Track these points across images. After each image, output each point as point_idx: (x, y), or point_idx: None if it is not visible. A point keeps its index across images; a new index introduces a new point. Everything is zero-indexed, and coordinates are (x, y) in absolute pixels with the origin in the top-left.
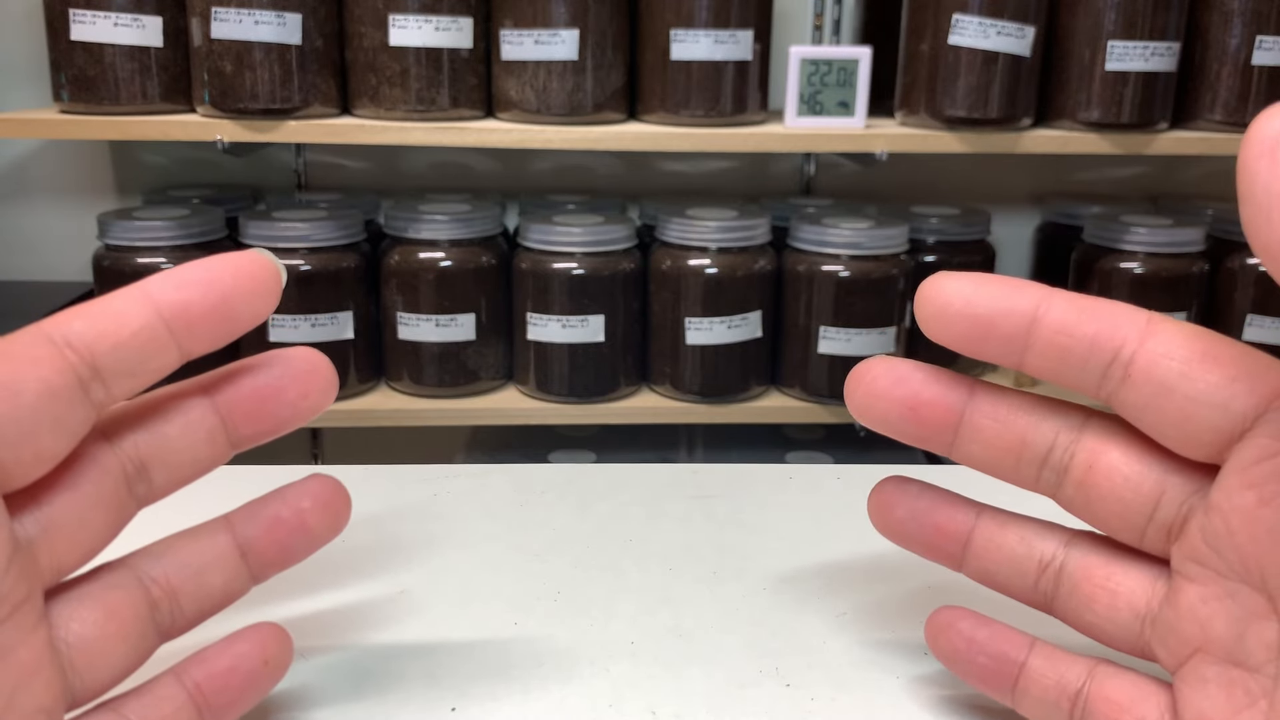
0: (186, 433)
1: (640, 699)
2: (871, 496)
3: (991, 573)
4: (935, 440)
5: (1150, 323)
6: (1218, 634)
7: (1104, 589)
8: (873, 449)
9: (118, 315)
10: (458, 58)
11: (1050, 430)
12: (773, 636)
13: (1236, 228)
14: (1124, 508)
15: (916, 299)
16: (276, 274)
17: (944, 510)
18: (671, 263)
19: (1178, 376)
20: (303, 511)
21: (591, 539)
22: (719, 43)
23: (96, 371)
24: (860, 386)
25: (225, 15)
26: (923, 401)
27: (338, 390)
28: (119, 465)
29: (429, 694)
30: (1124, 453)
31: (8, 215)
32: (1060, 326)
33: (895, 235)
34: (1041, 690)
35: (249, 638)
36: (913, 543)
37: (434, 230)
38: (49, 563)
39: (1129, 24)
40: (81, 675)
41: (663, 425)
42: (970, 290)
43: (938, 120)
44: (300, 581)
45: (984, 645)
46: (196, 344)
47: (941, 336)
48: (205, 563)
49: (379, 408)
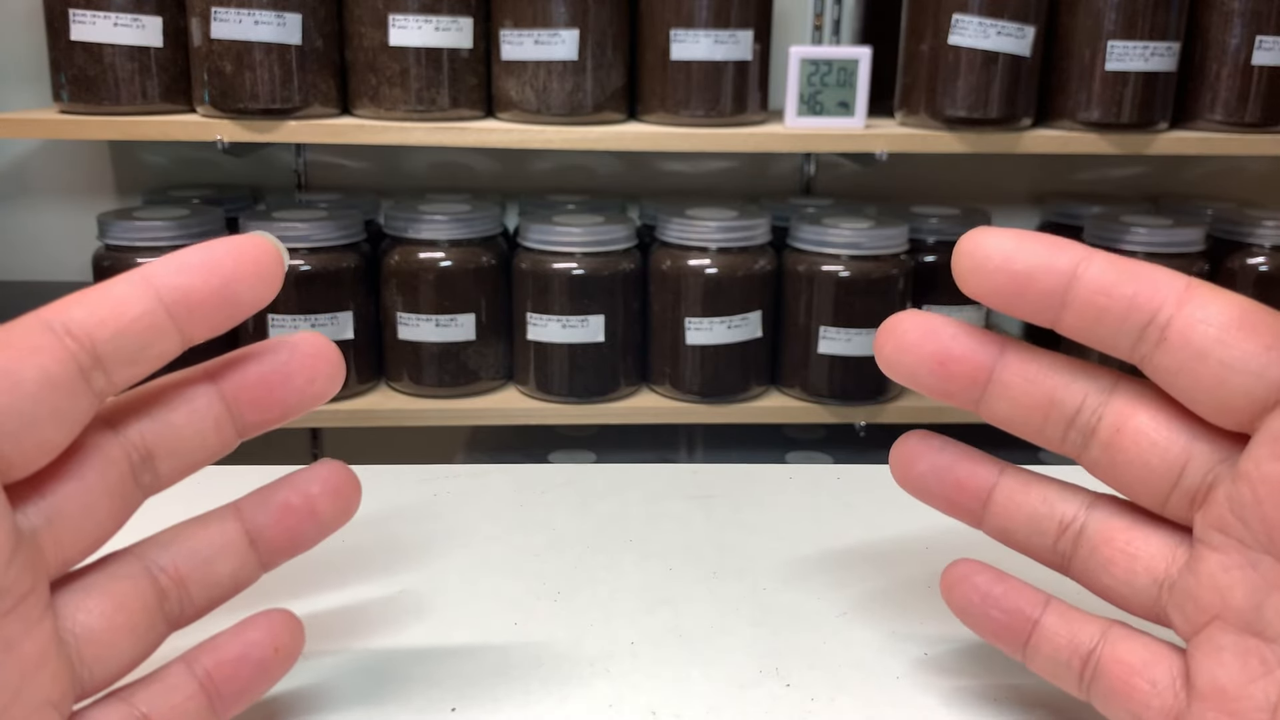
0: (192, 420)
1: (640, 699)
2: (894, 450)
3: (1010, 531)
4: (963, 396)
5: (1189, 287)
6: (1237, 603)
7: (1124, 552)
8: (873, 449)
9: (118, 302)
10: (458, 58)
11: (1080, 391)
12: (773, 636)
13: (1236, 228)
14: (1149, 472)
15: (955, 253)
16: (278, 257)
17: (966, 466)
18: (671, 263)
19: (1214, 342)
20: (312, 498)
21: (591, 539)
22: (719, 43)
23: (97, 359)
24: (890, 340)
25: (225, 15)
26: (953, 356)
27: (344, 376)
28: (124, 454)
29: (429, 694)
30: (1153, 417)
31: (8, 215)
32: (1099, 286)
33: (895, 235)
34: (1053, 648)
35: (260, 625)
36: (933, 497)
37: (434, 230)
38: (54, 554)
39: (1129, 24)
40: (90, 666)
41: (663, 425)
42: (1010, 246)
43: (938, 120)
44: (301, 581)
45: (999, 600)
46: (198, 329)
47: (978, 291)
48: (214, 551)
49: (379, 408)
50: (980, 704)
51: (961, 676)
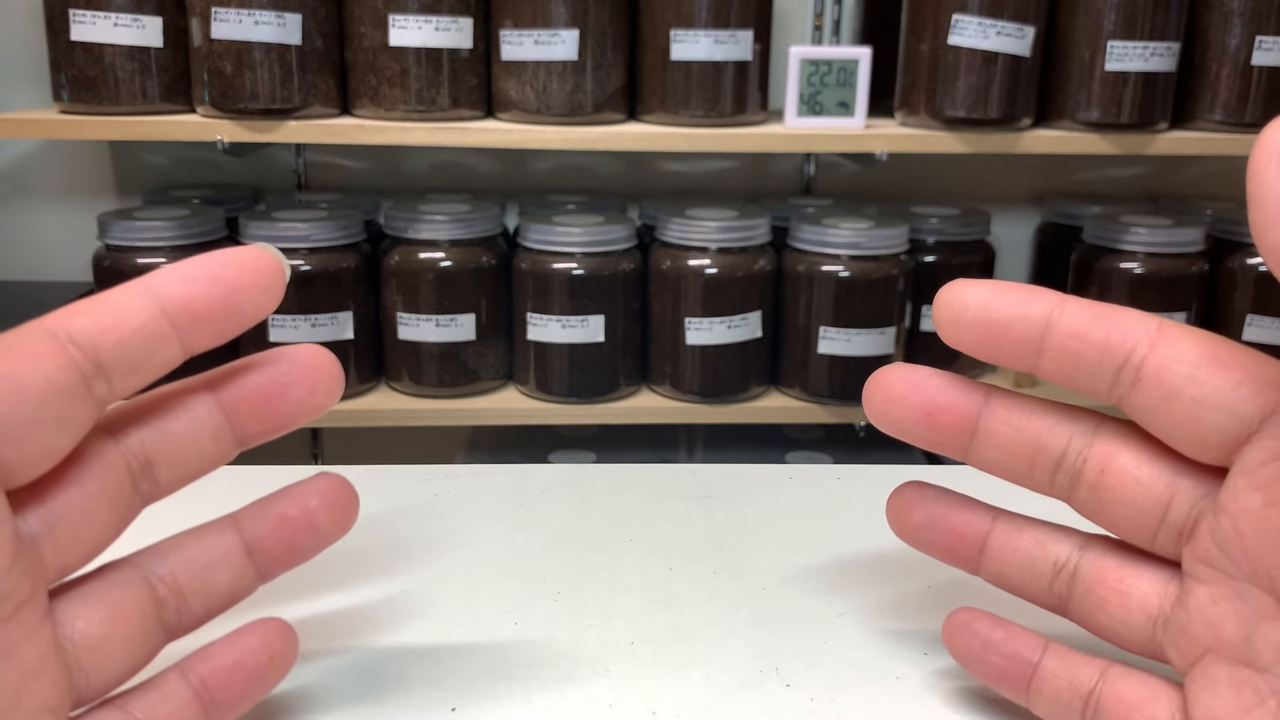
0: (192, 430)
1: (640, 699)
2: (890, 501)
3: (1007, 575)
4: (951, 445)
5: (1161, 329)
6: (1227, 635)
7: (1117, 591)
8: (872, 449)
9: (121, 310)
10: (458, 58)
11: (1064, 435)
12: (773, 636)
13: (1236, 228)
14: (1136, 511)
15: (934, 305)
16: (280, 269)
17: (960, 515)
18: (671, 263)
19: (1186, 380)
20: (310, 510)
21: (591, 539)
22: (719, 43)
23: (100, 367)
24: (878, 393)
25: (225, 15)
26: (939, 407)
27: (343, 388)
28: (124, 462)
29: (429, 694)
30: (1135, 456)
31: (8, 215)
32: (1073, 332)
33: (895, 235)
34: (1055, 690)
35: (254, 633)
36: (930, 546)
37: (434, 230)
38: (53, 560)
39: (1129, 24)
40: (87, 674)
41: (663, 425)
42: (986, 297)
43: (938, 120)
44: (301, 582)
45: (999, 646)
46: (200, 339)
47: (958, 342)
48: (212, 561)
49: (379, 408)
50: (980, 703)
51: (961, 676)
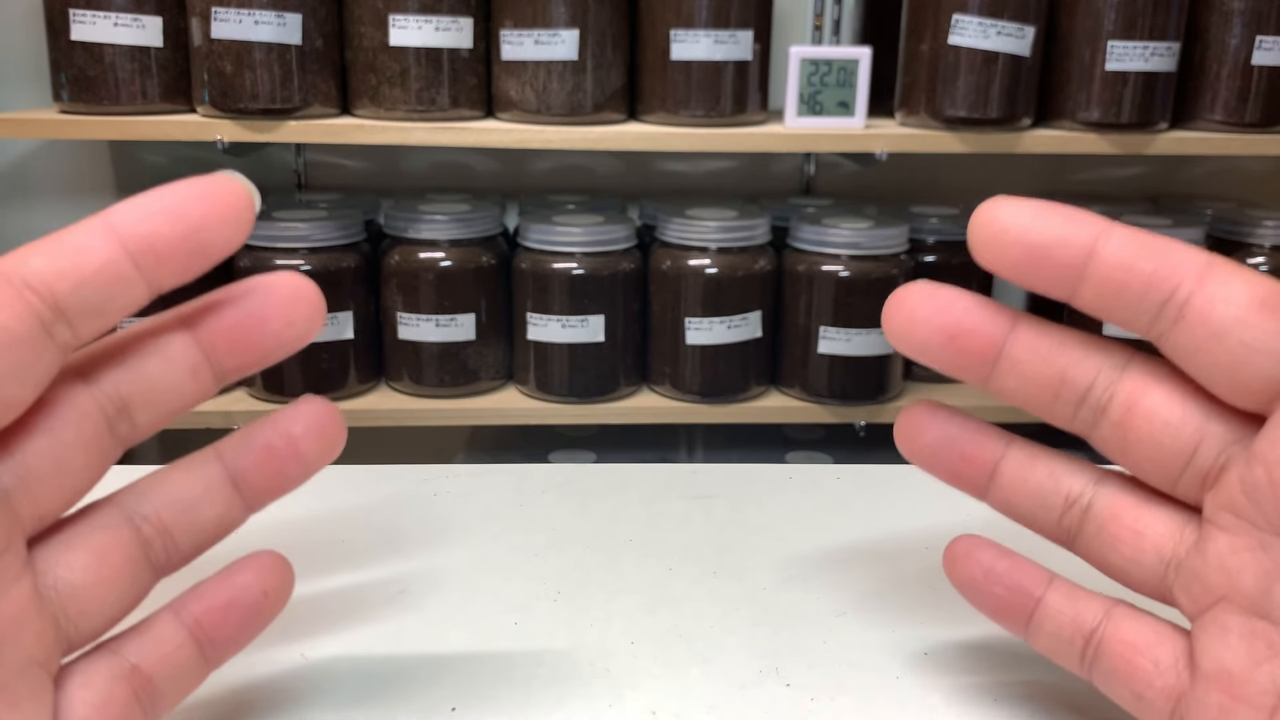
0: (168, 369)
1: (640, 699)
2: (900, 419)
3: (1015, 505)
4: (972, 371)
5: (1210, 264)
6: (1245, 585)
7: (1131, 530)
8: (873, 449)
9: (79, 250)
10: (458, 58)
11: (1092, 368)
12: (773, 636)
13: (1236, 228)
14: (1161, 452)
15: (971, 224)
16: (249, 199)
17: (973, 438)
18: (671, 263)
19: (1233, 321)
20: (294, 438)
21: (591, 539)
22: (719, 43)
23: (60, 312)
24: (900, 312)
25: (225, 15)
26: (964, 330)
27: (324, 316)
28: (97, 406)
29: (429, 694)
30: (1166, 396)
31: (8, 215)
32: (1118, 261)
33: (895, 235)
34: (1056, 626)
35: (248, 569)
36: (938, 469)
37: (434, 230)
38: (29, 510)
39: (1129, 24)
40: (75, 621)
41: (663, 425)
42: (1028, 217)
43: (938, 120)
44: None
45: (1002, 576)
46: (165, 278)
47: (994, 264)
48: (196, 496)
49: (379, 408)
50: (980, 702)
51: (961, 675)
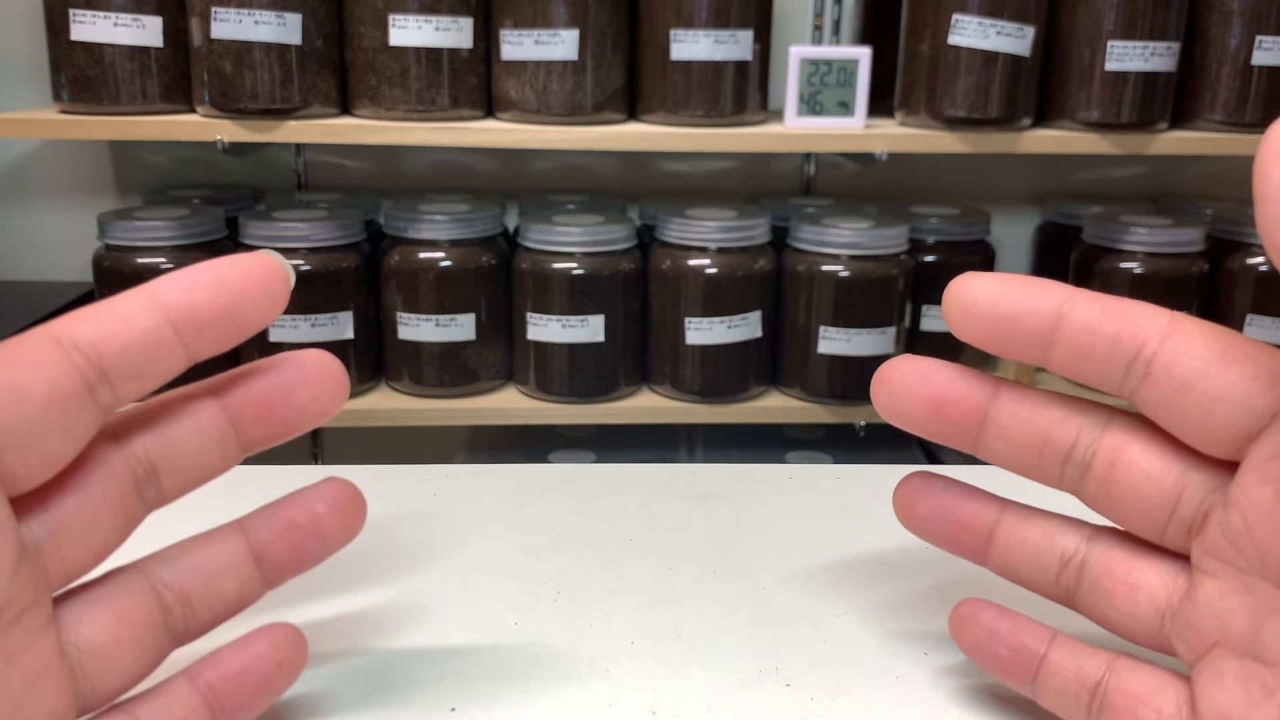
0: (196, 436)
1: (640, 699)
2: (897, 491)
3: (1014, 567)
4: (960, 438)
5: (1172, 322)
6: (1236, 628)
7: (1125, 584)
8: (873, 449)
9: (125, 318)
10: (458, 58)
11: (1073, 428)
12: (773, 636)
13: (1236, 228)
14: (1145, 504)
15: (944, 298)
16: (285, 277)
17: (968, 506)
18: (671, 263)
19: (1198, 374)
20: (317, 516)
21: (591, 539)
22: (719, 43)
23: (103, 374)
24: (886, 385)
25: (225, 15)
26: (948, 400)
27: (347, 393)
28: (128, 468)
29: (429, 694)
30: (1145, 450)
31: (8, 215)
32: (1084, 325)
33: (895, 235)
34: (1061, 682)
35: (263, 639)
36: (937, 537)
37: (434, 230)
38: (57, 567)
39: (1129, 24)
40: (92, 681)
41: (663, 425)
42: (996, 290)
43: (938, 120)
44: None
45: (1005, 637)
46: (204, 347)
47: (968, 335)
48: (218, 567)
49: (379, 408)
50: (981, 703)
51: (962, 675)
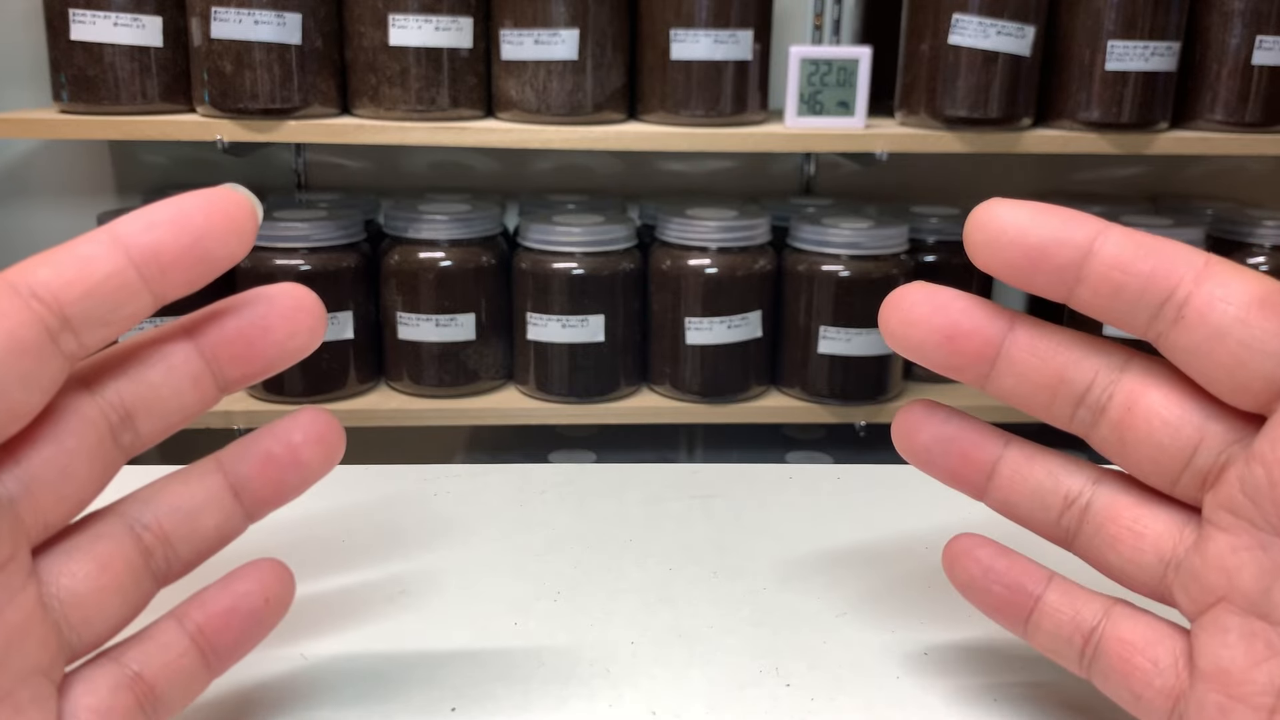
0: (171, 378)
1: (640, 699)
2: (898, 418)
3: (1014, 504)
4: (970, 371)
5: (1208, 264)
6: (1244, 585)
7: (1130, 530)
8: (873, 449)
9: (85, 261)
10: (458, 58)
11: (1090, 368)
12: (773, 636)
13: (1236, 228)
14: (1160, 452)
15: (967, 225)
16: (251, 210)
17: (971, 438)
18: (671, 263)
19: (1233, 321)
20: (295, 446)
21: (591, 539)
22: (719, 43)
23: (66, 321)
24: (896, 313)
25: (225, 15)
26: (961, 331)
27: (325, 327)
28: (101, 415)
29: (429, 694)
30: (1165, 396)
31: (8, 215)
32: (1115, 261)
33: (895, 235)
34: (1055, 625)
35: (249, 576)
36: (936, 468)
37: (434, 230)
38: (34, 519)
39: (1129, 24)
40: (77, 629)
41: (663, 425)
42: (1025, 218)
43: (938, 120)
44: (301, 581)
45: (1001, 574)
46: (170, 288)
47: (991, 265)
48: (197, 505)
49: (379, 408)
50: (980, 703)
51: (961, 676)
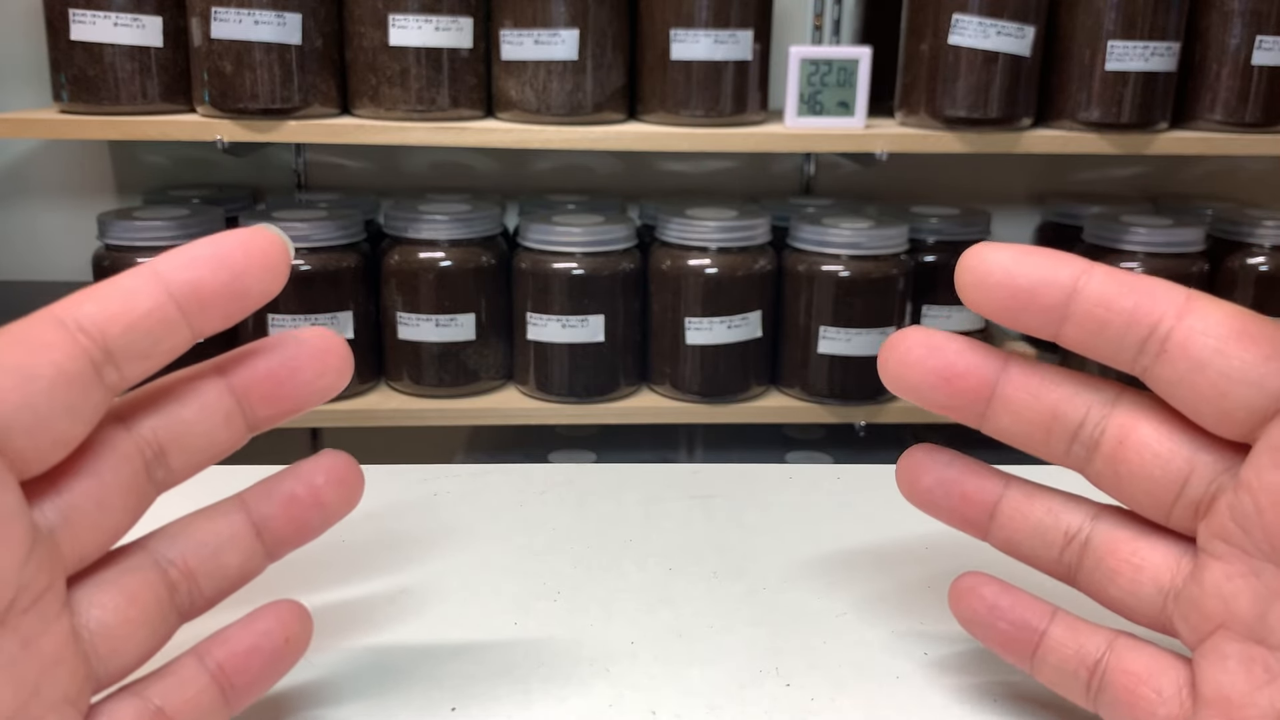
0: (203, 416)
1: (640, 699)
2: (900, 464)
3: (1016, 543)
4: (967, 411)
5: (1189, 299)
6: (1241, 611)
7: (1128, 563)
8: (873, 449)
9: (129, 296)
10: (458, 58)
11: (1082, 404)
12: (773, 636)
13: (1236, 228)
14: (1153, 484)
15: (958, 268)
16: (285, 250)
17: (972, 479)
18: (671, 263)
19: (1213, 353)
20: (317, 488)
21: (591, 539)
22: (719, 43)
23: (109, 354)
24: (894, 356)
25: (225, 15)
26: (956, 372)
27: (352, 370)
28: (137, 450)
29: (429, 694)
30: (1155, 429)
31: (8, 215)
32: (1099, 299)
33: (895, 235)
34: (1060, 659)
35: (270, 616)
36: (939, 510)
37: (434, 230)
38: (71, 550)
39: (1129, 24)
40: (104, 661)
41: (663, 425)
42: (1011, 261)
43: (938, 120)
44: (302, 581)
45: (1005, 612)
46: (208, 323)
47: (981, 306)
48: (221, 542)
49: (379, 408)
50: (981, 703)
51: (962, 675)
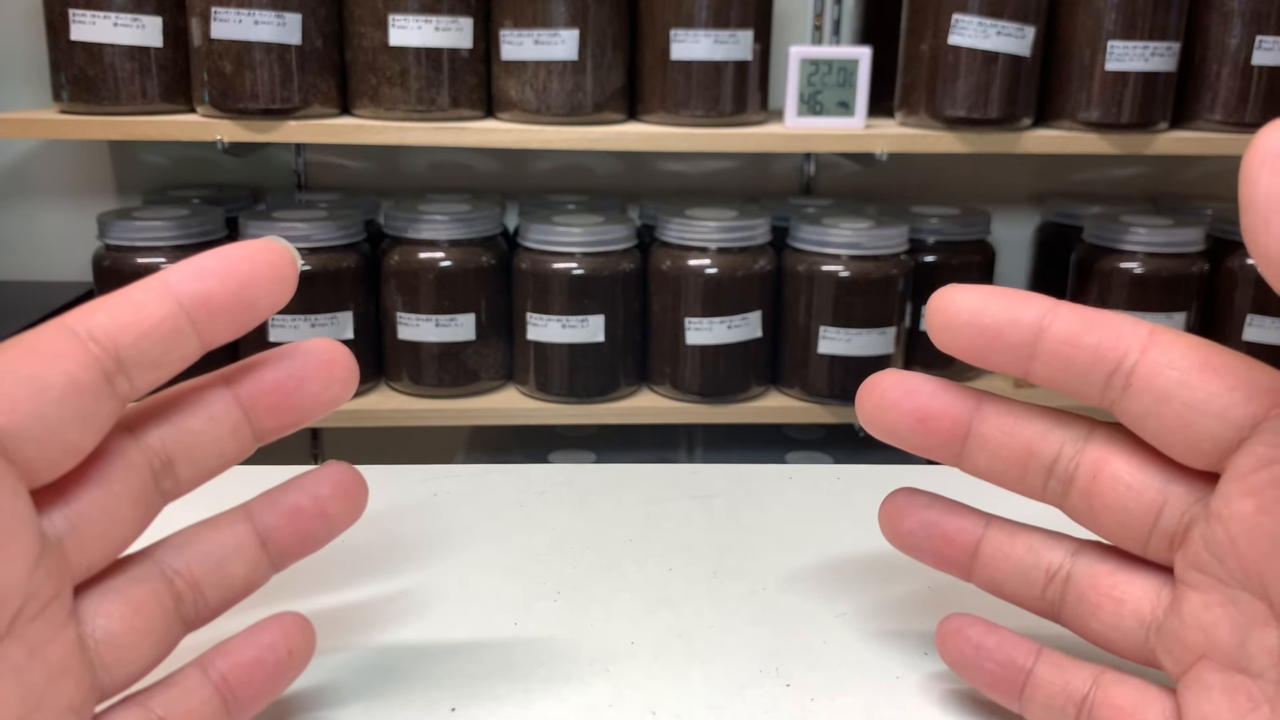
0: (211, 426)
1: (640, 699)
2: (882, 508)
3: (1000, 582)
4: (943, 451)
5: (1153, 334)
6: (1221, 640)
7: (1109, 597)
8: (872, 449)
9: (139, 307)
10: (458, 58)
11: (1056, 441)
12: (773, 636)
13: (1236, 228)
14: (1128, 516)
15: (927, 310)
16: (292, 261)
17: (953, 521)
18: (671, 263)
19: (1177, 385)
20: (322, 499)
21: (591, 539)
22: (719, 43)
23: (120, 364)
24: (870, 398)
25: (225, 15)
26: (931, 413)
27: (357, 381)
28: (145, 460)
29: (429, 694)
30: (1128, 462)
31: (8, 215)
32: (1065, 337)
33: (895, 235)
34: (1048, 696)
35: (273, 628)
36: (922, 553)
37: (434, 230)
38: (78, 559)
39: (1129, 24)
40: (109, 670)
41: (663, 425)
42: (979, 302)
43: (938, 120)
44: (302, 581)
45: (991, 652)
46: (217, 333)
47: (951, 346)
48: (227, 553)
49: (379, 408)
50: (980, 703)
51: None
